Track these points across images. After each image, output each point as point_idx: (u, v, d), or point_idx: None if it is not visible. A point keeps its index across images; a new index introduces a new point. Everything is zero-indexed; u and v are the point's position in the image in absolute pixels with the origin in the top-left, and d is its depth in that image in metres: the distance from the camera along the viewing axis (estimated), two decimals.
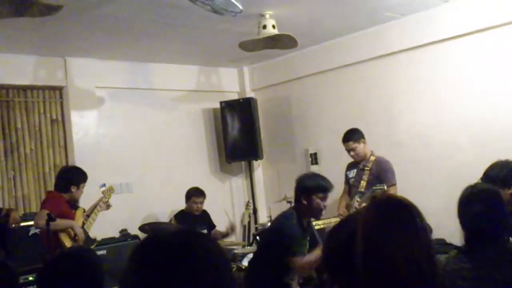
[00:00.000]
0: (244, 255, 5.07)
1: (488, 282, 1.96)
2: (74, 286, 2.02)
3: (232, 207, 6.95)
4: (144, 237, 1.22)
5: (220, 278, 1.09)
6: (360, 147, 4.82)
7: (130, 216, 5.72)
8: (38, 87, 5.54)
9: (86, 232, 4.35)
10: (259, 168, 7.08)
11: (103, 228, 4.94)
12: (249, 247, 5.57)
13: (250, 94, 6.97)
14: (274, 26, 4.59)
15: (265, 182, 7.07)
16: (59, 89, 5.68)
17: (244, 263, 4.84)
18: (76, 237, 4.18)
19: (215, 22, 4.69)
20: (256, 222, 6.64)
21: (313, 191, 3.52)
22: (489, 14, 4.72)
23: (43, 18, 3.54)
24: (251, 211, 6.77)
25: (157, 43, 5.44)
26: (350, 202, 4.88)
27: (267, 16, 4.59)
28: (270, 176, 6.99)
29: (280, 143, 6.81)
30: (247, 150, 6.58)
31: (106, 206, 4.65)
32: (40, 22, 4.08)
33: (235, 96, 7.00)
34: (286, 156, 6.72)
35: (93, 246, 4.40)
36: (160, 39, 5.29)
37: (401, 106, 5.50)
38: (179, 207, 5.89)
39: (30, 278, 4.28)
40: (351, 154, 4.86)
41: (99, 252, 4.63)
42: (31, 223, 4.60)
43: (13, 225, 4.30)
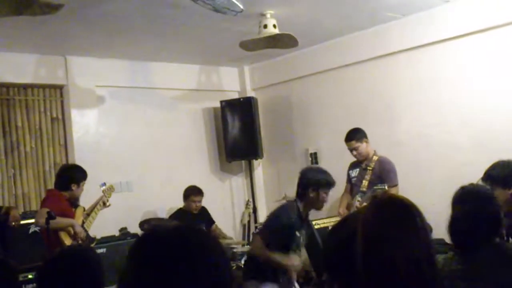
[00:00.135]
0: (243, 254, 5.07)
1: (484, 283, 1.94)
2: (73, 284, 2.03)
3: (232, 206, 6.95)
4: (142, 233, 1.20)
5: (220, 277, 1.09)
6: (362, 146, 4.81)
7: (130, 215, 5.72)
8: (38, 86, 5.54)
9: (86, 231, 4.36)
10: (259, 167, 7.08)
11: (103, 226, 4.94)
12: (248, 246, 5.57)
13: (250, 94, 6.97)
14: (275, 26, 4.59)
15: (265, 181, 7.07)
16: (60, 87, 5.68)
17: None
18: (76, 235, 4.19)
19: (216, 21, 4.69)
20: (256, 221, 6.64)
21: (321, 186, 3.68)
22: (489, 14, 4.72)
23: (43, 16, 3.54)
24: (251, 210, 6.77)
25: (157, 42, 5.44)
26: (351, 202, 4.88)
27: (268, 15, 4.59)
28: (270, 175, 7.00)
29: (280, 143, 6.81)
30: (247, 149, 6.58)
31: (103, 204, 4.64)
32: (40, 21, 4.08)
33: (235, 96, 7.00)
34: (286, 156, 6.72)
35: (93, 245, 4.40)
36: (161, 38, 5.29)
37: (401, 106, 5.50)
38: (179, 206, 5.89)
39: (30, 276, 4.28)
40: (354, 153, 4.85)
41: (99, 251, 4.63)
42: (31, 221, 4.61)
43: (13, 223, 4.31)
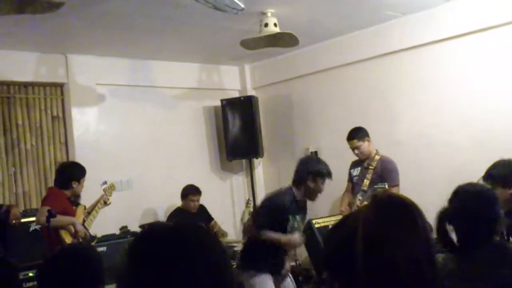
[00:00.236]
0: None
1: (484, 283, 1.92)
2: (74, 282, 2.03)
3: (232, 205, 6.95)
4: (140, 231, 1.19)
5: (220, 276, 1.08)
6: (364, 145, 4.79)
7: (130, 213, 5.73)
8: (39, 84, 5.54)
9: (86, 229, 4.36)
10: (260, 166, 7.08)
11: (103, 225, 4.94)
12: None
13: (251, 92, 6.97)
14: (275, 24, 4.59)
15: (265, 180, 7.07)
16: (60, 85, 5.68)
17: None
18: (77, 234, 4.19)
19: (216, 20, 4.68)
20: None
21: (320, 176, 3.76)
22: (490, 14, 4.72)
23: (44, 14, 3.54)
24: (251, 209, 6.77)
25: (158, 41, 5.43)
26: (353, 200, 4.87)
27: (269, 14, 4.58)
28: (271, 174, 6.99)
29: (281, 141, 6.81)
30: (247, 148, 6.58)
31: (104, 203, 4.64)
32: (41, 19, 4.08)
33: (236, 94, 7.00)
34: (287, 154, 6.72)
35: (93, 243, 4.41)
36: (161, 37, 5.29)
37: (402, 105, 5.49)
38: (179, 205, 5.89)
39: (30, 274, 4.27)
40: (356, 152, 4.83)
41: (99, 249, 4.61)
42: (32, 219, 4.61)
43: (13, 221, 4.31)
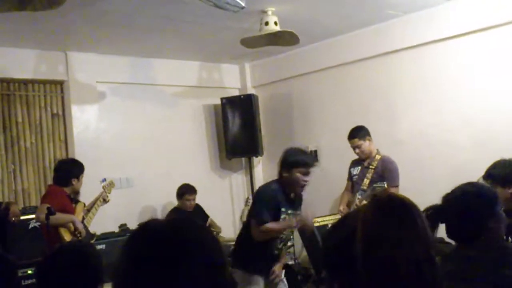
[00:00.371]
0: None
1: (483, 284, 1.91)
2: (73, 280, 2.02)
3: (231, 203, 6.95)
4: (136, 228, 1.18)
5: (217, 274, 1.08)
6: (365, 144, 4.77)
7: (130, 211, 5.73)
8: (39, 81, 5.54)
9: (86, 227, 4.36)
10: (259, 164, 7.08)
11: (102, 222, 4.94)
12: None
13: (251, 91, 6.96)
14: (276, 23, 4.58)
15: (265, 178, 7.05)
16: (60, 83, 5.67)
17: None
18: (76, 231, 4.19)
19: (217, 18, 4.68)
20: None
21: (293, 165, 3.65)
22: (491, 13, 4.71)
23: (44, 12, 3.53)
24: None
25: (158, 39, 5.43)
26: (352, 199, 4.87)
27: (269, 12, 4.58)
28: (270, 172, 6.96)
29: (281, 140, 6.79)
30: (247, 147, 6.58)
31: (103, 200, 4.64)
32: (41, 16, 4.07)
33: (236, 93, 6.99)
34: None
35: (92, 241, 4.41)
36: (162, 35, 5.28)
37: (402, 105, 5.49)
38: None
39: (29, 272, 4.28)
40: (356, 151, 4.81)
41: (99, 247, 4.63)
42: (31, 216, 4.61)
43: (13, 218, 4.31)
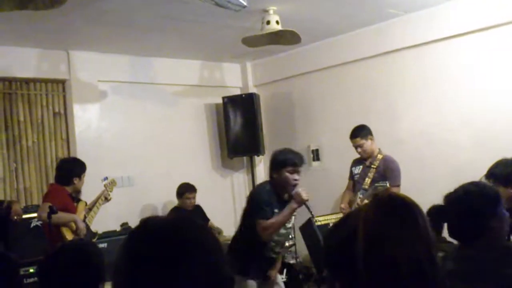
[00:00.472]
0: None
1: (485, 284, 1.90)
2: (75, 278, 2.03)
3: (233, 202, 6.96)
4: (136, 226, 1.18)
5: (216, 273, 1.08)
6: (367, 143, 4.77)
7: (131, 210, 5.73)
8: (41, 80, 5.55)
9: (87, 226, 4.37)
10: (261, 163, 7.08)
11: (104, 221, 4.95)
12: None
13: (252, 90, 6.97)
14: (277, 22, 4.58)
15: (266, 177, 7.06)
16: (62, 82, 5.68)
17: None
18: (78, 230, 4.20)
19: (218, 17, 4.68)
20: None
21: (282, 165, 3.63)
22: (492, 13, 4.71)
23: (46, 11, 3.53)
24: None
25: (160, 38, 5.43)
26: (353, 198, 4.87)
27: (271, 11, 4.58)
28: None
29: (282, 139, 6.79)
30: (248, 146, 6.58)
31: (105, 198, 4.65)
32: (43, 16, 4.08)
33: (237, 92, 6.99)
34: None
35: (94, 239, 4.42)
36: (163, 34, 5.29)
37: (403, 104, 5.49)
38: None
39: (31, 270, 4.29)
40: (358, 150, 4.81)
41: (100, 245, 4.64)
42: (33, 215, 4.63)
43: (15, 217, 4.31)
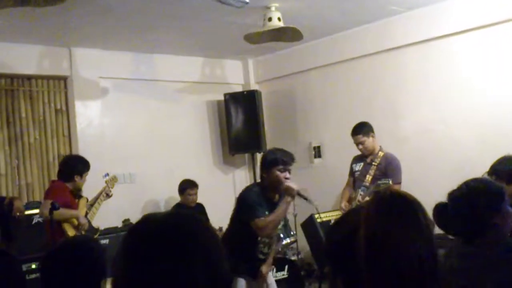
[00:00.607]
0: None
1: (488, 281, 1.89)
2: (76, 275, 2.03)
3: (234, 199, 6.92)
4: (135, 222, 1.19)
5: (214, 269, 1.08)
6: (369, 141, 4.77)
7: (133, 206, 5.75)
8: (42, 77, 5.55)
9: (89, 222, 4.37)
10: None
11: (106, 217, 4.96)
12: None
13: (254, 87, 6.96)
14: (279, 19, 4.58)
15: None
16: (64, 79, 5.68)
17: None
18: (79, 226, 4.21)
19: (220, 14, 4.67)
20: None
21: (272, 164, 3.67)
22: (494, 9, 4.69)
23: (48, 8, 3.54)
24: None
25: (161, 34, 5.43)
26: (353, 195, 4.87)
27: (273, 8, 4.57)
28: None
29: (284, 136, 6.80)
30: (250, 143, 6.58)
31: (106, 195, 4.66)
32: (45, 12, 4.08)
33: (239, 89, 6.99)
34: (289, 149, 6.50)
35: (96, 236, 4.42)
36: (165, 31, 5.28)
37: (405, 101, 5.47)
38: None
39: (33, 266, 4.30)
40: (360, 147, 4.82)
41: (102, 242, 4.64)
42: (35, 211, 4.64)
43: (17, 213, 4.32)
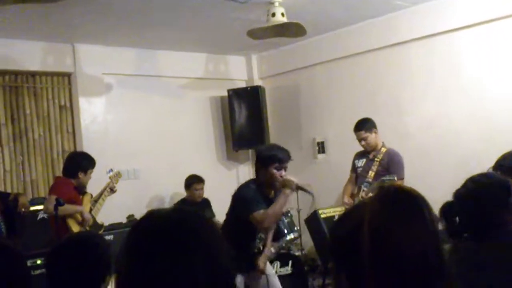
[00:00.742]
0: None
1: (498, 272, 1.87)
2: (81, 270, 2.04)
3: None
4: (139, 219, 1.20)
5: (216, 267, 1.08)
6: (371, 137, 4.77)
7: (137, 202, 5.76)
8: (46, 73, 5.57)
9: (93, 218, 4.39)
10: None
11: (110, 213, 4.98)
12: None
13: (258, 82, 6.95)
14: (283, 14, 4.56)
15: None
16: (68, 75, 5.69)
17: None
18: (83, 221, 4.22)
19: (223, 10, 4.67)
20: None
21: (269, 162, 3.60)
22: (499, 4, 4.68)
23: (51, 4, 3.54)
24: None
25: (165, 30, 5.43)
26: (356, 191, 4.87)
27: (276, 3, 4.56)
28: None
29: (287, 132, 6.80)
30: (254, 138, 6.57)
31: (110, 190, 4.67)
32: (49, 9, 4.08)
33: (243, 84, 6.98)
34: (293, 145, 6.67)
35: (100, 231, 4.44)
36: (168, 26, 5.28)
37: (410, 96, 5.46)
38: (185, 194, 5.91)
39: (38, 262, 4.32)
40: (362, 143, 4.82)
41: (107, 237, 4.65)
42: (40, 207, 4.65)
43: (22, 209, 4.34)
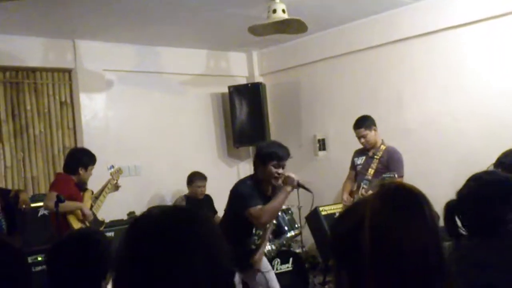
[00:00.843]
0: None
1: (497, 269, 1.87)
2: (82, 267, 2.05)
3: None
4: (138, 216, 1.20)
5: (215, 266, 1.08)
6: (371, 134, 4.78)
7: (138, 199, 5.77)
8: (47, 69, 5.56)
9: (94, 214, 4.39)
10: None
11: (111, 210, 4.99)
12: None
13: (258, 79, 6.95)
14: (284, 11, 4.55)
15: None
16: (68, 71, 5.69)
17: None
18: (84, 218, 4.22)
19: (224, 6, 4.66)
20: None
21: (268, 159, 3.60)
22: (501, 1, 4.67)
23: (52, 0, 3.53)
24: None
25: (166, 27, 5.42)
26: (355, 189, 4.87)
27: (277, 0, 4.55)
28: None
29: (288, 129, 6.80)
30: (254, 135, 6.56)
31: (115, 187, 4.68)
32: (49, 5, 4.08)
33: (243, 81, 6.98)
34: (294, 142, 6.69)
35: (101, 228, 4.44)
36: (169, 23, 5.27)
37: (411, 93, 5.46)
38: (187, 191, 5.92)
39: (39, 258, 4.33)
40: (362, 141, 4.82)
41: (108, 234, 4.66)
42: (40, 204, 4.65)
43: (22, 206, 4.34)
